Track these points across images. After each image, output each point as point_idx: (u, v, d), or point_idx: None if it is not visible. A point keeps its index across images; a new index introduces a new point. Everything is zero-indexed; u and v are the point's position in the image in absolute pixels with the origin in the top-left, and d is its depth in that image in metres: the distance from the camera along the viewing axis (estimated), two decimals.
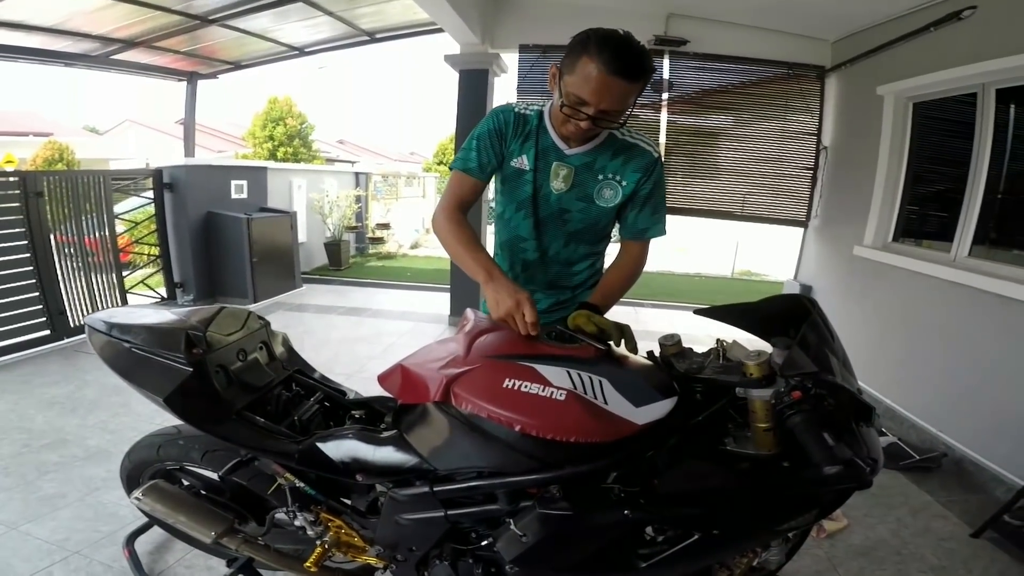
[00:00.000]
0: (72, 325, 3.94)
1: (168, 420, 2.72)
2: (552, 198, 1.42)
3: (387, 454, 1.14)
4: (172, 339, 1.23)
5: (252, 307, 5.04)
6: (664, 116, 4.48)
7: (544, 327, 1.20)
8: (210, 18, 4.45)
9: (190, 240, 4.94)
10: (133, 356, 1.25)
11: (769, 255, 9.44)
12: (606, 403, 0.99)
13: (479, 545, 1.20)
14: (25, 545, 1.87)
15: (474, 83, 4.45)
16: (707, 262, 9.99)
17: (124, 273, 4.55)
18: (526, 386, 1.00)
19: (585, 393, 0.99)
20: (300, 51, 5.61)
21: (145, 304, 4.79)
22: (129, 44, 4.84)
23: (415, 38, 5.29)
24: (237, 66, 5.93)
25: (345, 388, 1.48)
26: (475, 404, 1.00)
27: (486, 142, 1.40)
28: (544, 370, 1.02)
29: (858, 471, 0.98)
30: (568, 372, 1.02)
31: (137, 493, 1.41)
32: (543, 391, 0.99)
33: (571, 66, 1.19)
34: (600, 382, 1.01)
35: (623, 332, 1.19)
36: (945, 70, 2.92)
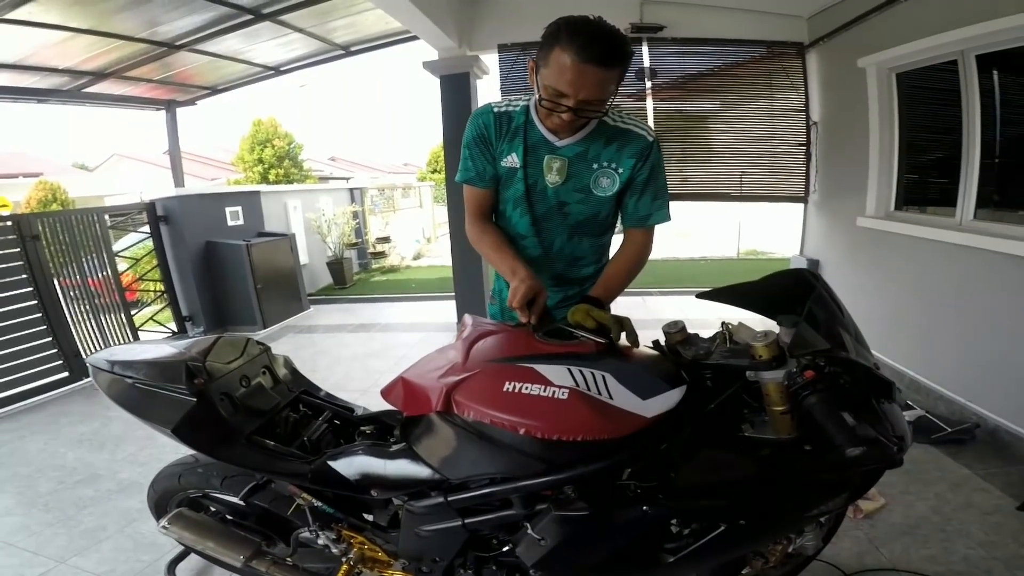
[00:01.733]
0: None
1: (187, 450, 2.79)
2: (548, 192, 1.39)
3: (398, 467, 1.13)
4: (173, 371, 1.25)
5: (262, 333, 5.06)
6: (650, 104, 4.47)
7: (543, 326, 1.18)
8: (177, 44, 4.40)
9: (192, 272, 4.95)
10: (137, 391, 1.27)
11: (773, 233, 9.37)
12: (611, 398, 0.97)
13: (502, 551, 1.19)
14: None
15: (456, 87, 4.43)
16: (711, 245, 9.92)
17: (133, 311, 4.57)
18: (527, 388, 0.98)
19: (588, 390, 0.98)
20: (276, 70, 5.56)
21: (144, 341, 4.83)
22: (99, 76, 4.79)
23: (393, 47, 5.26)
24: (214, 91, 5.86)
25: (352, 404, 1.48)
26: (477, 410, 0.99)
27: (475, 150, 1.40)
28: (544, 370, 1.00)
29: (885, 449, 0.95)
30: (569, 370, 1.00)
31: (163, 522, 1.44)
32: (545, 391, 0.97)
33: (545, 58, 1.16)
34: (603, 377, 0.99)
35: (622, 325, 1.16)
36: (923, 39, 2.87)
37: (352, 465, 1.18)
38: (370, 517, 1.34)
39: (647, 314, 5.26)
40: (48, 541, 2.15)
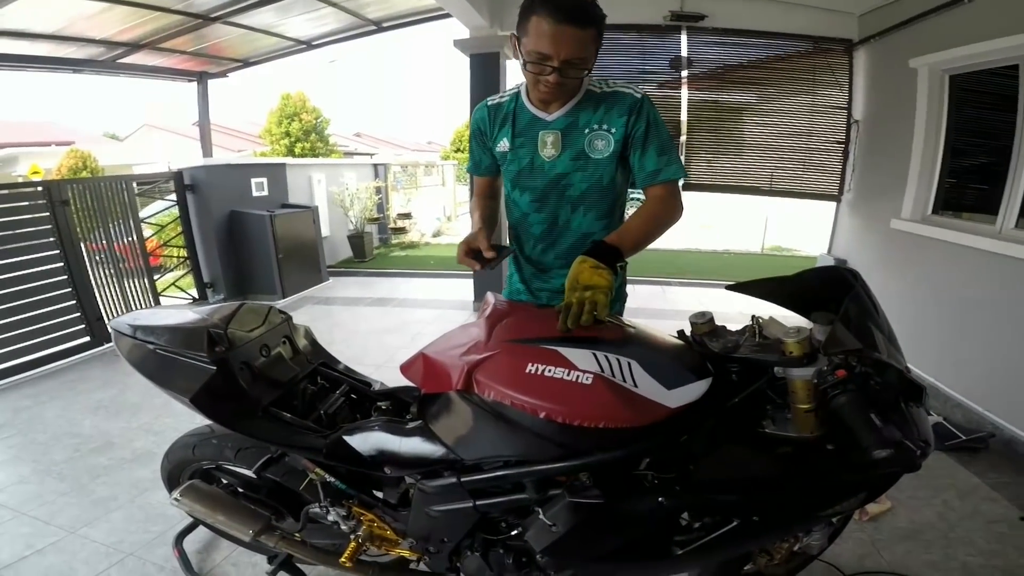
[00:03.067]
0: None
1: (203, 420, 2.80)
2: (546, 167, 1.43)
3: (413, 445, 1.12)
4: (194, 338, 1.23)
5: (281, 302, 5.12)
6: (684, 93, 4.38)
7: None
8: (212, 16, 4.43)
9: (216, 240, 5.02)
10: (158, 357, 1.26)
11: (799, 230, 9.17)
12: (636, 386, 0.95)
13: (510, 535, 1.18)
14: (84, 549, 1.94)
15: (485, 67, 4.39)
16: (735, 238, 9.72)
17: (155, 276, 4.64)
18: (550, 370, 0.96)
19: (613, 376, 0.95)
20: (308, 44, 5.57)
21: (168, 306, 4.92)
22: (134, 47, 4.85)
23: (424, 24, 5.21)
24: (246, 63, 5.91)
25: (370, 379, 1.47)
26: (498, 391, 0.97)
27: (474, 143, 1.55)
28: (569, 353, 0.98)
29: (908, 454, 0.93)
30: (595, 355, 0.98)
31: (175, 494, 1.43)
32: (568, 375, 0.95)
33: (524, 27, 1.24)
34: (629, 364, 0.97)
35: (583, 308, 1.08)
36: (983, 42, 2.78)
37: (367, 441, 1.17)
38: (380, 495, 1.34)
39: (665, 304, 5.23)
40: (60, 511, 2.15)
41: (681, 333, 1.17)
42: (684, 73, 4.29)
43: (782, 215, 9.51)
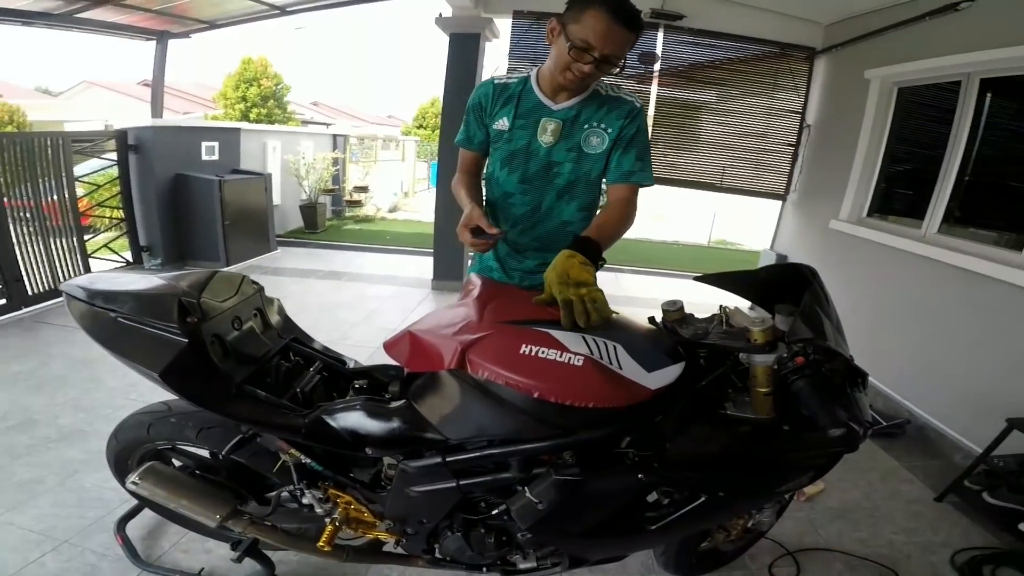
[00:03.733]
0: (31, 293, 3.70)
1: (145, 395, 2.60)
2: (541, 151, 1.47)
3: (397, 425, 1.12)
4: (163, 307, 1.13)
5: (225, 271, 4.91)
6: (655, 89, 4.46)
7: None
8: None
9: (157, 203, 4.75)
10: (119, 326, 1.15)
11: (744, 225, 9.58)
12: (621, 368, 1.00)
13: (489, 514, 1.21)
14: (10, 535, 1.76)
15: (465, 47, 4.31)
16: (684, 230, 10.08)
17: (86, 237, 4.34)
18: (543, 352, 0.99)
19: (601, 359, 1.00)
20: (281, 10, 5.27)
21: (126, 270, 4.62)
22: (96, 2, 4.47)
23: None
24: (212, 25, 5.54)
25: (344, 357, 1.43)
26: (491, 371, 0.99)
27: (471, 116, 1.54)
28: (560, 336, 1.02)
29: (853, 434, 1.03)
30: (584, 338, 1.02)
31: (133, 477, 1.31)
32: (561, 357, 0.99)
33: (577, 16, 1.28)
34: (615, 347, 1.02)
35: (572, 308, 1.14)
36: (934, 58, 2.98)
37: (349, 421, 1.14)
38: (356, 476, 1.29)
39: (619, 291, 5.35)
40: None
41: (652, 319, 1.24)
42: (656, 68, 4.36)
43: (729, 210, 9.89)
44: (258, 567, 1.56)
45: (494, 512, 1.19)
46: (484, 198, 1.62)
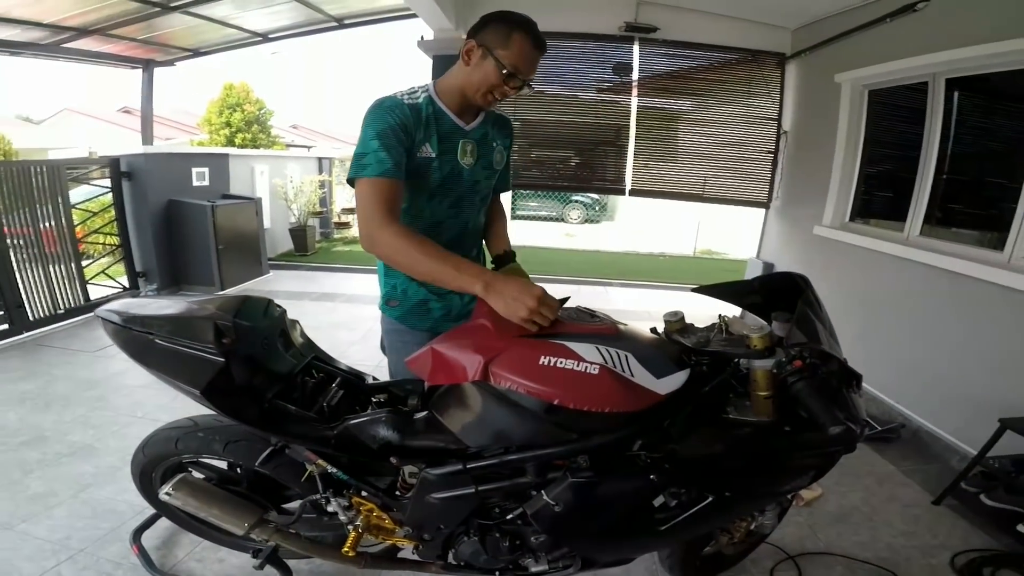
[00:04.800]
0: (32, 318, 3.78)
1: (151, 413, 2.66)
2: (465, 174, 1.48)
3: (420, 435, 1.19)
4: (201, 330, 1.21)
5: (220, 295, 4.94)
6: (634, 101, 4.58)
7: (564, 309, 1.27)
8: (171, 5, 4.27)
9: (151, 229, 4.79)
10: (158, 348, 1.24)
11: (729, 234, 9.73)
12: (632, 375, 1.07)
13: (504, 519, 1.27)
14: (25, 545, 1.83)
15: (448, 69, 4.40)
16: (669, 242, 10.22)
17: (83, 263, 4.36)
18: (561, 362, 1.06)
19: (615, 367, 1.07)
20: (264, 37, 5.43)
21: (154, 296, 4.67)
22: (82, 32, 4.59)
23: (380, 24, 5.20)
24: (196, 53, 5.71)
25: (364, 373, 1.50)
26: (513, 381, 1.06)
27: (392, 140, 1.29)
28: (575, 347, 1.09)
29: (850, 434, 1.10)
30: (597, 348, 1.09)
31: (167, 488, 1.39)
32: (578, 366, 1.06)
33: (503, 42, 1.33)
34: (626, 356, 1.09)
35: None
36: (899, 60, 3.06)
37: (375, 431, 1.22)
38: (378, 485, 1.36)
39: (607, 304, 5.44)
40: None
41: (654, 330, 1.32)
42: (634, 78, 4.48)
43: (712, 220, 10.08)
44: (276, 574, 1.61)
45: (509, 517, 1.25)
46: None
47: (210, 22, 4.84)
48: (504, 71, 1.34)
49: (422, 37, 4.45)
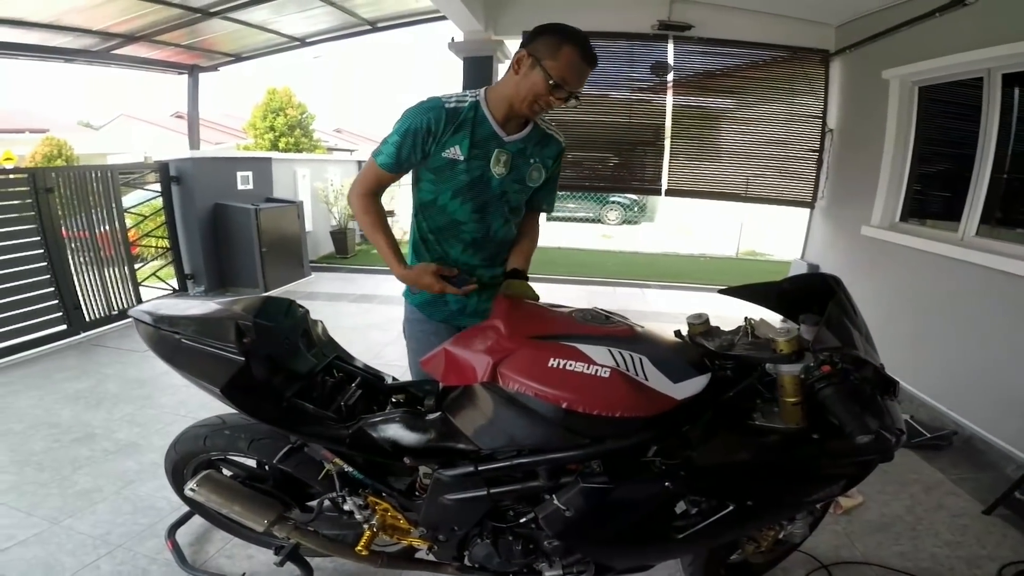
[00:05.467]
0: (88, 319, 3.98)
1: (193, 411, 2.77)
2: (494, 182, 1.51)
3: (433, 436, 1.19)
4: (222, 330, 1.25)
5: (274, 296, 5.11)
6: (669, 99, 4.50)
7: (579, 310, 1.25)
8: (210, 11, 4.44)
9: (199, 232, 4.97)
10: (183, 347, 1.28)
11: (773, 235, 9.43)
12: (646, 379, 1.04)
13: (517, 523, 1.26)
14: (69, 540, 1.90)
15: (479, 70, 4.47)
16: (711, 243, 9.95)
17: (136, 266, 4.58)
18: (571, 364, 1.04)
19: (627, 370, 1.04)
20: (301, 41, 5.59)
21: (185, 296, 4.90)
22: (129, 39, 4.82)
23: (415, 27, 5.27)
24: (238, 58, 5.92)
25: (383, 373, 1.52)
26: (522, 383, 1.05)
27: (410, 140, 1.44)
28: (586, 349, 1.07)
29: (885, 443, 1.04)
30: (609, 351, 1.06)
31: (191, 484, 1.44)
32: (588, 369, 1.04)
33: (553, 52, 1.35)
34: (640, 359, 1.06)
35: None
36: (951, 55, 2.93)
37: (389, 432, 1.22)
38: (394, 485, 1.37)
39: (645, 306, 5.35)
40: (41, 501, 2.09)
41: (678, 333, 1.27)
42: (670, 78, 4.41)
43: (756, 220, 9.78)
44: (298, 572, 1.63)
45: (522, 520, 1.24)
46: (417, 227, 1.64)
47: (249, 27, 5.00)
48: (551, 81, 1.35)
49: (452, 39, 4.50)
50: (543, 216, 1.78)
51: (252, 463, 1.63)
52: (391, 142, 1.45)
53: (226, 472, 1.62)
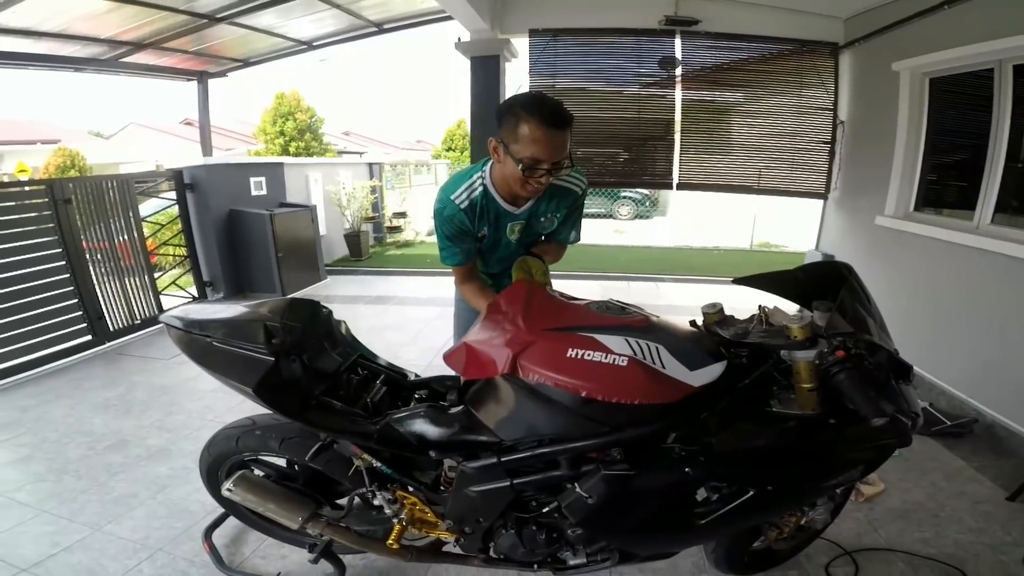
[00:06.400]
0: (112, 329, 4.04)
1: (220, 415, 2.84)
2: (512, 246, 1.69)
3: (456, 429, 1.23)
4: (252, 331, 1.29)
5: (299, 298, 5.17)
6: (678, 94, 4.49)
7: (594, 302, 1.28)
8: (217, 16, 4.48)
9: (215, 239, 5.05)
10: (215, 349, 1.32)
11: (787, 227, 9.34)
12: (664, 367, 1.07)
13: (540, 512, 1.29)
14: (111, 545, 1.96)
15: (486, 69, 4.48)
16: (724, 235, 9.88)
17: (155, 275, 4.65)
18: (589, 354, 1.07)
19: (644, 359, 1.07)
20: (308, 45, 5.62)
21: (213, 300, 4.99)
22: (137, 46, 4.88)
23: (422, 27, 5.30)
24: (246, 63, 5.95)
25: (406, 370, 1.55)
26: (542, 374, 1.08)
27: (457, 240, 1.59)
28: (603, 339, 1.09)
29: (901, 426, 1.05)
30: (627, 340, 1.09)
31: (228, 484, 1.48)
32: (606, 358, 1.06)
33: (512, 134, 1.34)
34: (657, 348, 1.08)
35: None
36: (961, 47, 2.92)
37: (415, 426, 1.26)
38: (420, 479, 1.41)
39: (659, 299, 5.37)
40: (82, 508, 2.15)
41: (693, 322, 1.30)
42: (678, 72, 4.39)
43: (769, 212, 9.71)
44: (331, 571, 1.68)
45: (545, 510, 1.27)
46: None
47: (256, 32, 5.04)
48: (522, 168, 1.35)
49: (459, 39, 4.52)
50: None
51: (282, 463, 1.67)
52: (444, 247, 1.62)
53: (258, 472, 1.66)
